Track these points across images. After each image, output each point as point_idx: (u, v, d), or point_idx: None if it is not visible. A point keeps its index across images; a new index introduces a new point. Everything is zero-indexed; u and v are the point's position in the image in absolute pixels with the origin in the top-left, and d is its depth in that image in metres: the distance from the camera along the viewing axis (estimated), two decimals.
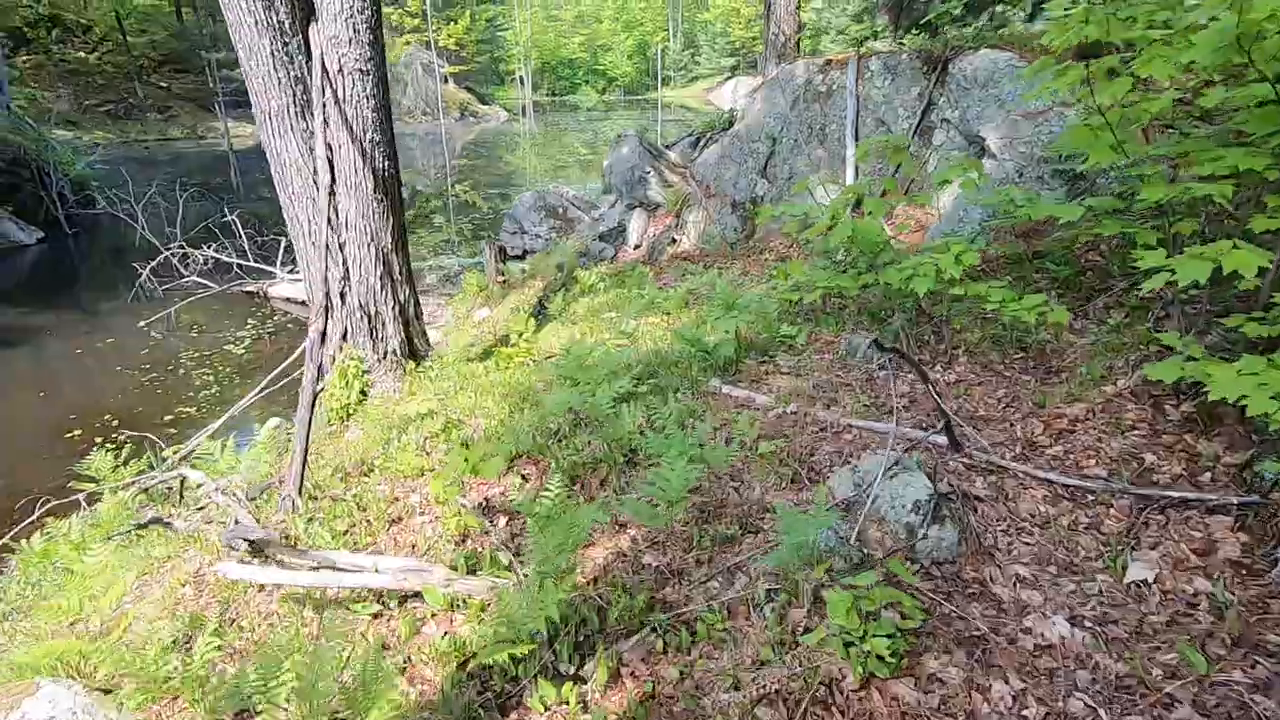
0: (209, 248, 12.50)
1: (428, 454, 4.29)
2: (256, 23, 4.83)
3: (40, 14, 36.83)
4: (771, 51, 9.98)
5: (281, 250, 12.66)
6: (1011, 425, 3.36)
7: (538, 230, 14.21)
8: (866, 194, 6.42)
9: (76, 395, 8.58)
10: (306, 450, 3.74)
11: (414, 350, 5.91)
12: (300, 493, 3.65)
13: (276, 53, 4.92)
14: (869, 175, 6.73)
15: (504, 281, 9.75)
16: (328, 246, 5.36)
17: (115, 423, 7.83)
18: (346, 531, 3.37)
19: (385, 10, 45.54)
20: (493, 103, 50.77)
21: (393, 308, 5.61)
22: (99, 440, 7.48)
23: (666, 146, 12.82)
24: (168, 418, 7.90)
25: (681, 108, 57.56)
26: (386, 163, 5.32)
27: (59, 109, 33.02)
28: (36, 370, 9.39)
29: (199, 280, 11.85)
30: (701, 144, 12.34)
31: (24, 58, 34.67)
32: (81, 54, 36.18)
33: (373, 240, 5.37)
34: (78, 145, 30.69)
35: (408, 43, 44.02)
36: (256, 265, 12.11)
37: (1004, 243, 4.93)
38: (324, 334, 4.14)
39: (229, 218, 16.44)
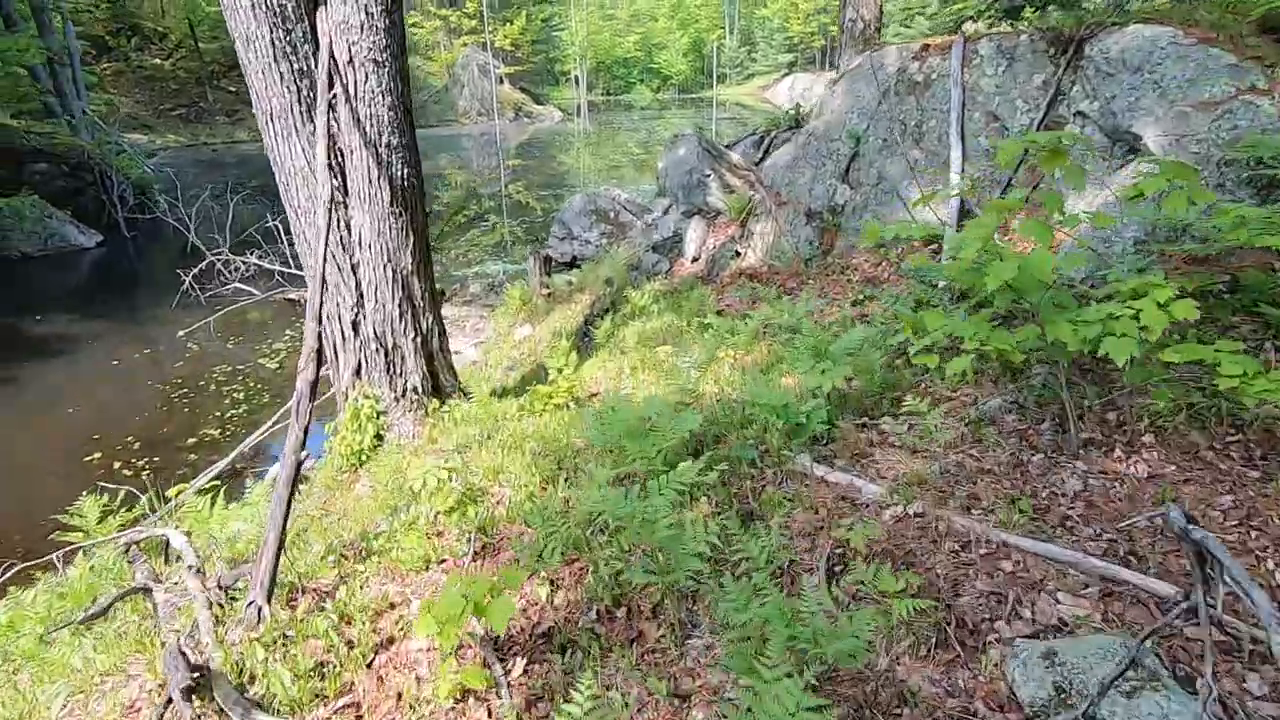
0: (253, 253, 12.06)
1: (439, 535, 3.42)
2: (253, 5, 4.04)
3: (121, 23, 38.10)
4: (849, 40, 8.82)
5: None
6: (1261, 559, 2.25)
7: (587, 235, 13.36)
8: (980, 198, 5.28)
9: (105, 412, 8.11)
10: (281, 543, 2.91)
11: (438, 386, 5.06)
12: (270, 598, 2.83)
13: (278, 41, 4.11)
14: (977, 179, 5.57)
15: (549, 294, 8.89)
16: (339, 268, 4.56)
17: (137, 445, 7.29)
18: (317, 669, 2.52)
19: (443, 12, 45.71)
20: (547, 103, 50.37)
21: (413, 339, 4.77)
22: (117, 465, 6.96)
23: (727, 146, 11.76)
24: (190, 440, 7.33)
25: (738, 105, 56.06)
26: (406, 170, 4.47)
27: (136, 114, 33.98)
28: (71, 383, 9.00)
29: (241, 287, 11.41)
30: (766, 144, 11.25)
31: (104, 65, 35.83)
32: (158, 60, 37.21)
33: (390, 261, 4.54)
34: (151, 148, 31.54)
35: (465, 44, 43.90)
36: (296, 272, 11.59)
37: (1181, 270, 3.75)
38: (314, 385, 3.32)
39: (275, 222, 16.19)
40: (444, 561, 3.22)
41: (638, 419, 3.14)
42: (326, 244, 3.58)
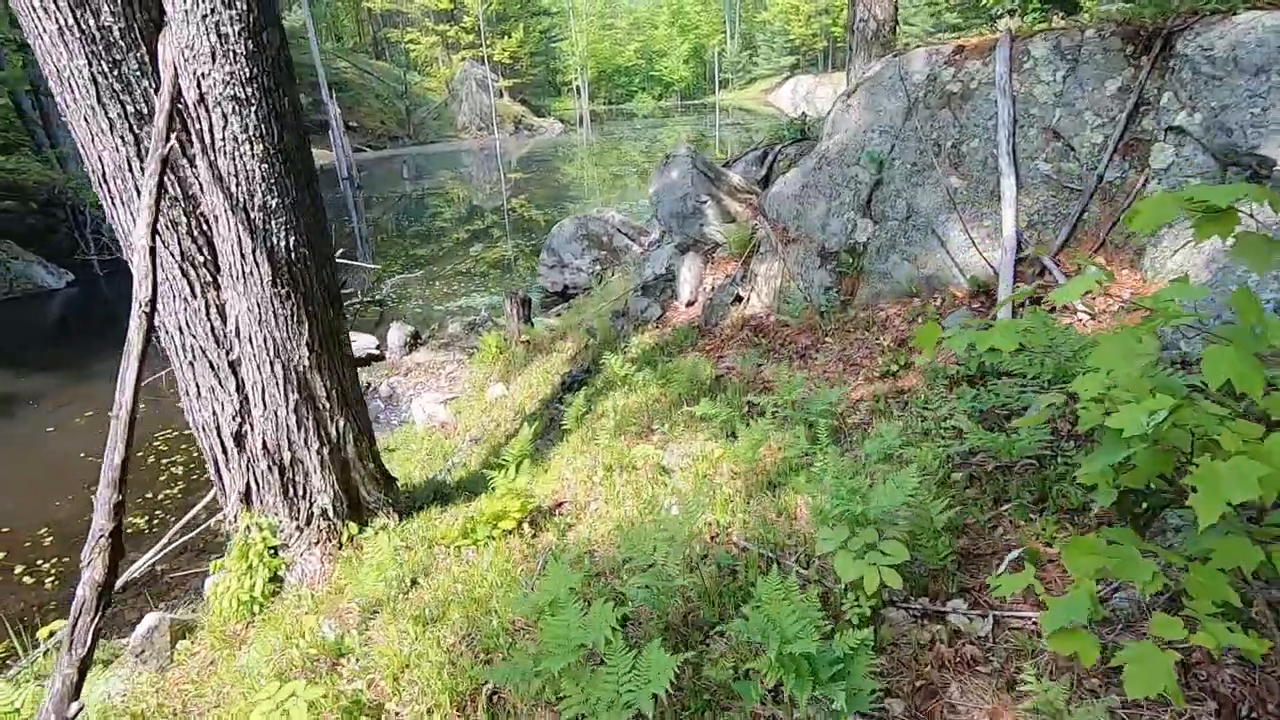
0: None
1: None
2: (62, 29, 2.94)
3: None
4: (860, 42, 7.66)
5: None
6: None
7: (579, 262, 12.24)
8: (1048, 243, 4.09)
9: (23, 495, 7.06)
10: None
11: (357, 503, 3.93)
12: None
13: (101, 77, 3.01)
14: (1038, 213, 4.38)
15: (527, 342, 7.76)
16: (213, 365, 3.45)
17: (49, 540, 6.23)
18: None
19: (440, 27, 45.01)
20: (548, 114, 49.46)
21: (319, 450, 3.65)
22: (19, 570, 5.89)
23: (726, 164, 10.62)
24: None
25: (741, 110, 54.92)
26: (292, 239, 3.34)
27: None
28: None
29: None
30: (770, 159, 10.08)
31: None
32: None
33: (279, 355, 3.42)
34: None
35: (463, 59, 43.09)
36: None
37: None
38: (103, 586, 2.20)
39: None
40: None
41: (576, 646, 2.00)
42: (210, 328, 2.46)
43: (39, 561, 5.94)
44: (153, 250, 2.63)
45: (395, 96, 40.43)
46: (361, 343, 9.43)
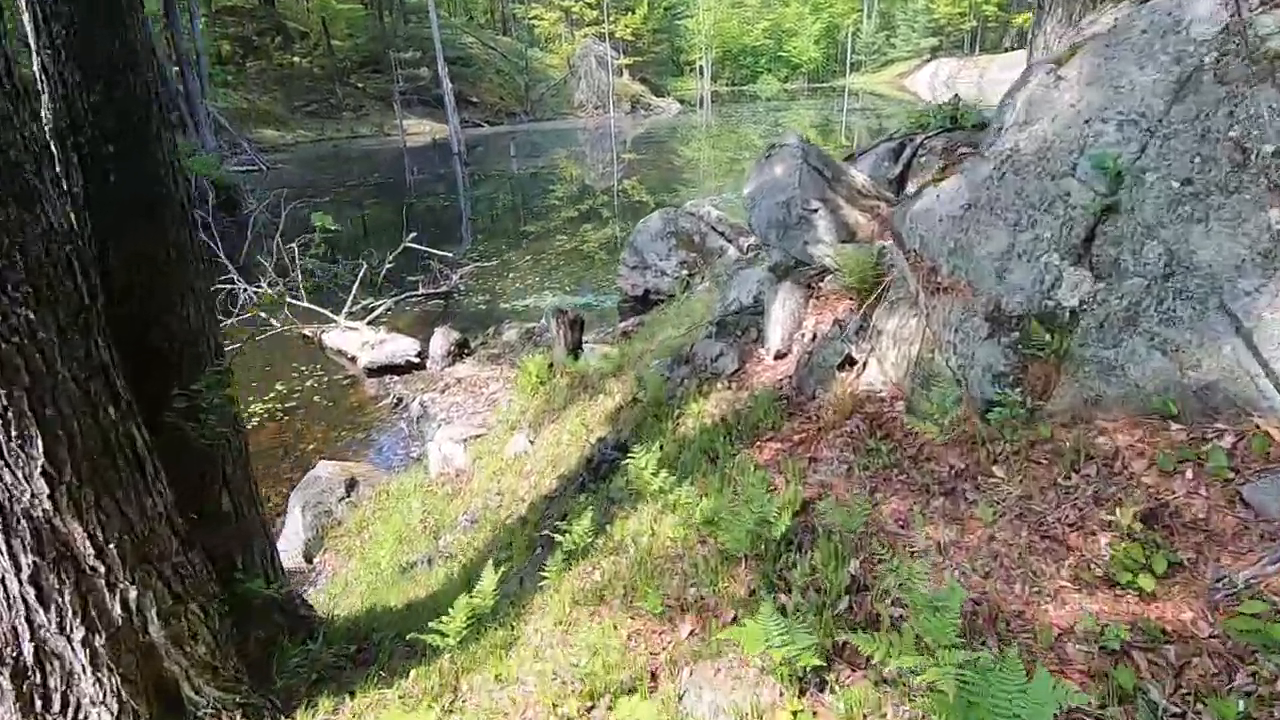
0: (272, 276, 10.14)
1: None
2: None
3: (269, 23, 39.26)
4: None
5: (356, 285, 10.05)
6: None
7: (664, 264, 10.40)
8: None
9: None
10: None
11: (178, 706, 2.39)
12: None
13: None
14: None
15: (571, 378, 6.07)
16: None
17: None
18: None
19: (565, 3, 44.21)
20: (667, 94, 47.40)
21: (87, 639, 2.13)
22: None
23: (849, 158, 8.38)
24: None
25: (872, 95, 50.44)
26: None
27: (272, 110, 34.65)
28: None
29: (261, 313, 9.53)
30: (908, 154, 7.77)
31: (250, 64, 36.92)
32: (296, 59, 37.93)
33: None
34: (280, 142, 31.87)
35: (585, 35, 41.81)
36: (310, 306, 9.53)
37: None
38: None
39: (336, 229, 14.46)
40: None
41: None
42: None
43: None
44: None
45: (516, 72, 39.84)
46: (399, 348, 8.14)
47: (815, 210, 5.60)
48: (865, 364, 4.04)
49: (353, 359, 8.52)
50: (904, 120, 8.16)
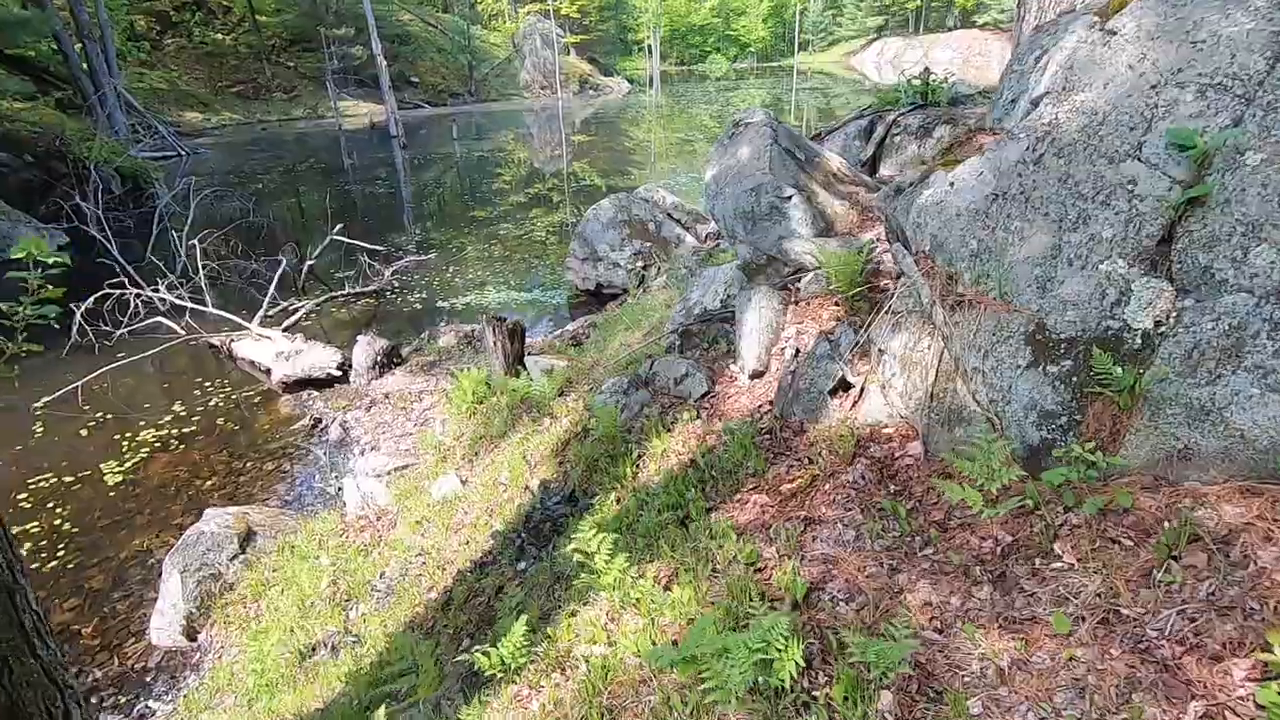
0: (167, 281, 8.87)
1: None
2: None
3: None
4: None
5: (272, 285, 8.88)
6: None
7: (616, 255, 9.51)
8: None
9: None
10: None
11: None
12: None
13: None
14: None
15: (513, 400, 5.17)
16: None
17: None
18: None
19: None
20: (615, 74, 45.99)
21: None
22: None
23: (815, 137, 7.62)
24: None
25: (821, 74, 50.04)
26: None
27: (194, 91, 32.08)
28: None
29: (165, 321, 8.29)
30: (881, 134, 7.08)
31: (168, 40, 34.07)
32: (219, 36, 35.21)
33: None
34: (203, 127, 29.49)
35: (529, 12, 40.03)
36: (219, 312, 8.33)
37: None
38: None
39: (256, 218, 13.11)
40: None
41: None
42: None
43: None
44: None
45: (458, 51, 37.90)
46: (318, 359, 7.08)
47: (789, 198, 4.81)
48: (864, 390, 3.28)
49: (267, 372, 7.42)
50: (868, 98, 7.41)
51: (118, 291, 8.25)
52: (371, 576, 4.00)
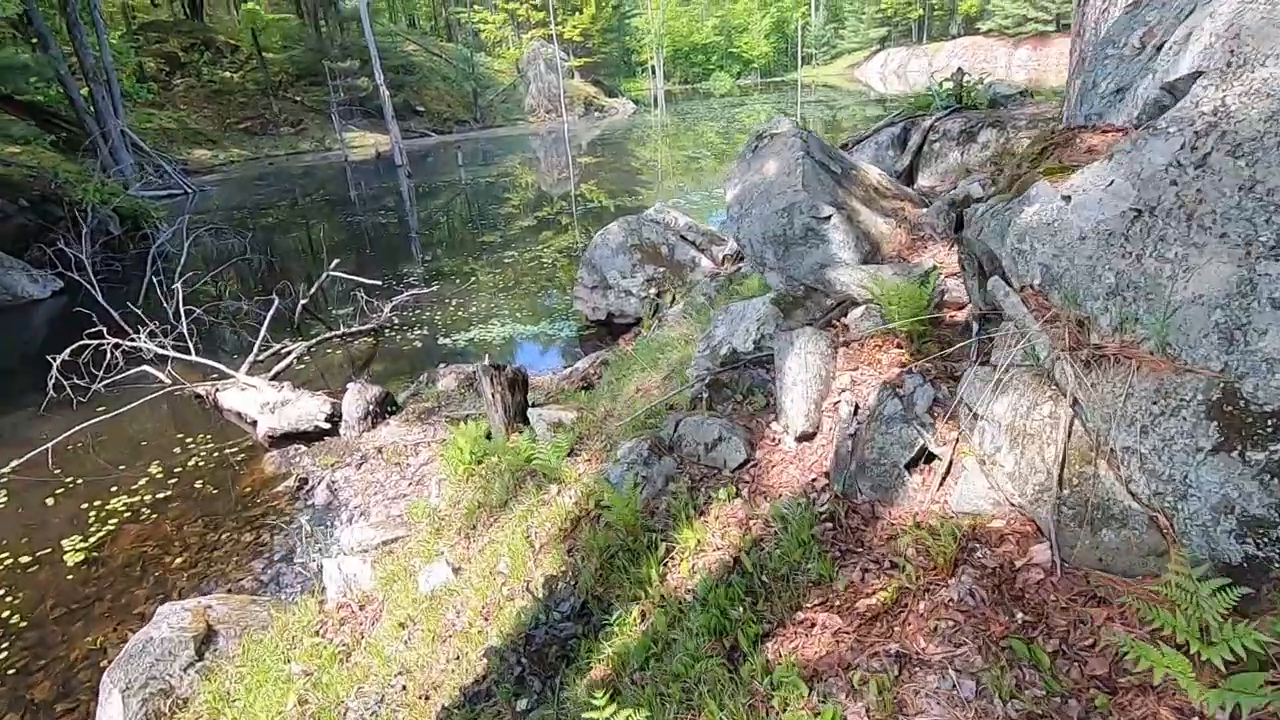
0: (152, 329, 8.28)
1: None
2: None
3: (196, 39, 36.58)
4: None
5: (264, 328, 8.28)
6: None
7: (627, 283, 8.82)
8: None
9: None
10: None
11: None
12: None
13: None
14: None
15: (514, 465, 4.45)
16: None
17: None
18: None
19: (510, 5, 42.60)
20: (620, 95, 45.77)
21: None
22: None
23: (843, 148, 6.92)
24: None
25: (825, 87, 49.57)
26: None
27: (202, 129, 32.11)
28: None
29: (150, 370, 7.70)
30: (917, 141, 6.36)
31: (178, 81, 34.24)
32: (227, 74, 35.38)
33: None
34: (212, 164, 29.39)
35: (532, 38, 39.95)
36: (204, 360, 7.73)
37: None
38: None
39: (250, 257, 12.61)
40: None
41: None
42: None
43: None
44: None
45: (463, 78, 37.84)
46: (306, 410, 6.43)
47: (827, 219, 4.11)
48: (954, 464, 2.53)
49: (253, 424, 6.78)
50: (875, 108, 6.65)
51: (95, 342, 7.66)
52: (346, 694, 3.27)
